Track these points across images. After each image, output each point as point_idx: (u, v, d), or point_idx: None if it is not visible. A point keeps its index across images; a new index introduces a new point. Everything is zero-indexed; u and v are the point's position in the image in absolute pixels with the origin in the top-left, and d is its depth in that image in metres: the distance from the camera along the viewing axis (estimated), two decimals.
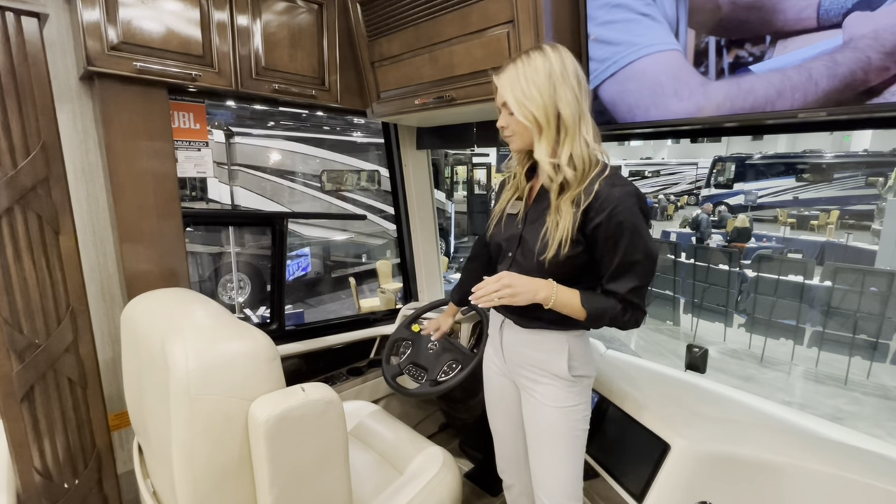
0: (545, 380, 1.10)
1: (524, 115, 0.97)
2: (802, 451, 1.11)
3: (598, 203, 0.94)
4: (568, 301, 1.00)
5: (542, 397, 1.11)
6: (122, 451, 1.48)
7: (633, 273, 0.97)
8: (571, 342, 1.08)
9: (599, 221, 0.94)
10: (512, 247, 1.10)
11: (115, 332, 1.44)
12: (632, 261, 0.95)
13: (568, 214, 0.96)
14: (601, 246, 0.97)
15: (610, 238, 0.95)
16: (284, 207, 5.82)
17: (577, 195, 0.96)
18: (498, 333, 1.22)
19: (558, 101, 0.95)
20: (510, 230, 1.11)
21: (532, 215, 1.07)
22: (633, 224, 0.93)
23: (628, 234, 0.93)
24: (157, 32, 1.26)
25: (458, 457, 1.97)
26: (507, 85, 0.98)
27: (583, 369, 1.10)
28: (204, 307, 1.05)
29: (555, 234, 0.97)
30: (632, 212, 0.93)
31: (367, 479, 1.31)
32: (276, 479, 0.81)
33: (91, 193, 1.38)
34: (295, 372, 1.90)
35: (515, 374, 1.19)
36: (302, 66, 1.56)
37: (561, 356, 1.08)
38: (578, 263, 1.01)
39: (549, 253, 0.98)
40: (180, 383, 0.77)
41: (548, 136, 0.97)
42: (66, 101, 1.30)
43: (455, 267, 6.90)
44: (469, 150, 8.89)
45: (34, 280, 1.09)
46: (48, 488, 1.14)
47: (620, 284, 0.98)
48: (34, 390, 1.11)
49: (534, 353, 1.12)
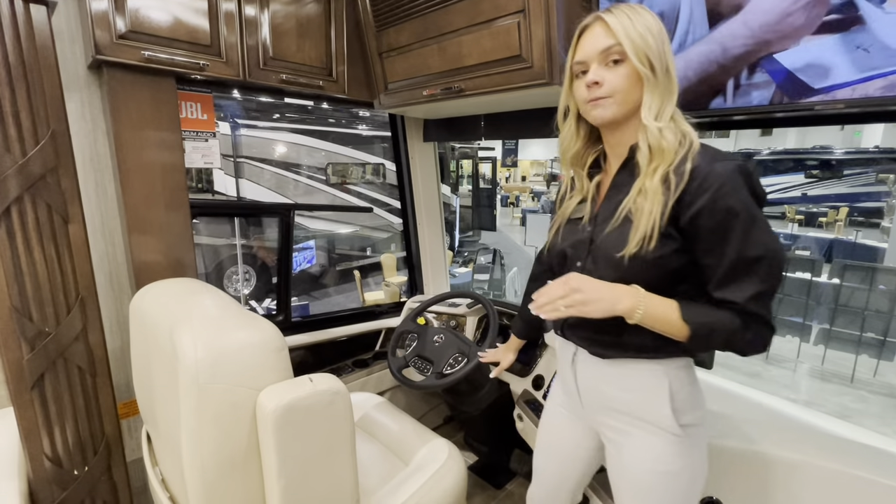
0: (638, 431, 0.86)
1: (640, 58, 0.76)
2: (810, 447, 1.11)
3: (697, 184, 0.72)
4: (661, 314, 0.76)
5: (635, 455, 0.86)
6: (131, 439, 1.49)
7: (753, 275, 0.73)
8: (673, 377, 0.83)
9: (700, 207, 0.72)
10: (580, 253, 0.87)
11: (124, 321, 1.45)
12: (750, 258, 0.72)
13: (657, 196, 0.74)
14: (705, 241, 0.74)
15: (717, 229, 0.72)
16: (289, 200, 5.83)
17: (664, 173, 0.75)
18: (570, 368, 0.97)
19: (668, 57, 0.78)
20: (576, 235, 0.90)
21: (604, 214, 0.85)
22: (747, 209, 0.71)
23: (742, 223, 0.71)
24: (164, 21, 1.26)
25: (463, 449, 1.98)
26: (620, 24, 0.77)
27: (691, 414, 0.84)
28: (212, 297, 1.05)
29: (638, 223, 0.76)
30: (743, 192, 0.72)
31: (373, 470, 1.32)
32: (284, 468, 0.81)
33: (99, 183, 1.38)
34: (301, 363, 1.91)
35: (597, 424, 0.94)
36: (309, 56, 1.55)
37: (659, 397, 0.82)
38: (671, 267, 0.78)
39: (629, 247, 0.76)
40: (189, 372, 0.78)
41: (662, 91, 0.78)
42: (74, 90, 1.30)
43: (459, 261, 6.89)
44: (476, 143, 8.85)
45: (44, 268, 1.10)
46: (58, 475, 1.15)
47: (737, 291, 0.74)
48: (44, 378, 1.12)
49: (619, 392, 0.87)
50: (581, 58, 0.82)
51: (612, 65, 0.79)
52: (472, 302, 1.89)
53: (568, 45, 1.20)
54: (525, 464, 1.91)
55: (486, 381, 1.65)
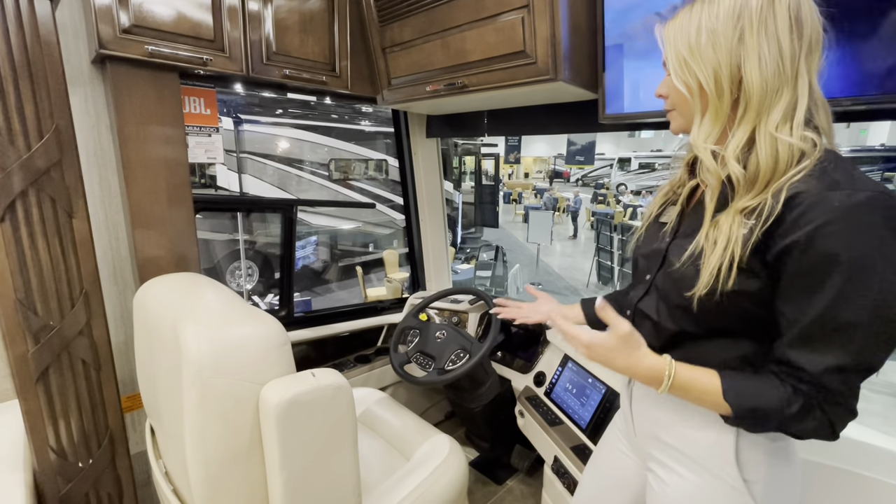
0: (684, 469, 0.72)
1: (682, 77, 0.67)
2: (812, 446, 1.10)
3: (796, 214, 0.57)
4: (698, 387, 0.65)
5: (675, 498, 0.73)
6: (135, 432, 1.50)
7: (842, 341, 0.57)
8: (742, 435, 0.68)
9: (790, 242, 0.57)
10: (652, 267, 0.77)
11: (128, 315, 1.46)
12: (843, 320, 0.56)
13: (734, 230, 0.61)
14: (786, 284, 0.60)
15: (806, 274, 0.57)
16: (292, 196, 5.83)
17: (752, 205, 0.61)
18: (627, 389, 0.88)
19: (744, 59, 0.62)
20: (654, 243, 0.78)
21: (687, 228, 0.73)
22: (861, 256, 0.54)
23: (844, 273, 0.55)
24: (168, 16, 1.26)
25: (464, 445, 1.99)
26: (671, 34, 0.68)
27: (762, 471, 0.68)
28: (215, 292, 1.06)
29: (710, 260, 0.62)
30: (861, 235, 0.54)
31: (375, 465, 1.33)
32: (287, 461, 0.82)
33: (103, 178, 1.38)
34: (304, 358, 1.91)
35: (647, 455, 0.82)
36: (313, 51, 1.54)
37: (723, 435, 0.69)
38: (749, 313, 0.64)
39: (699, 287, 0.63)
40: (193, 366, 0.78)
41: (714, 111, 0.65)
42: (78, 84, 1.30)
43: (461, 258, 6.89)
44: (479, 139, 8.84)
45: (48, 263, 1.10)
46: (63, 467, 1.16)
47: (813, 357, 0.58)
48: (49, 371, 1.12)
49: (675, 422, 0.74)
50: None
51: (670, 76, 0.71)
52: (475, 298, 1.89)
53: (572, 41, 1.20)
54: (526, 459, 1.92)
55: (487, 378, 1.66)
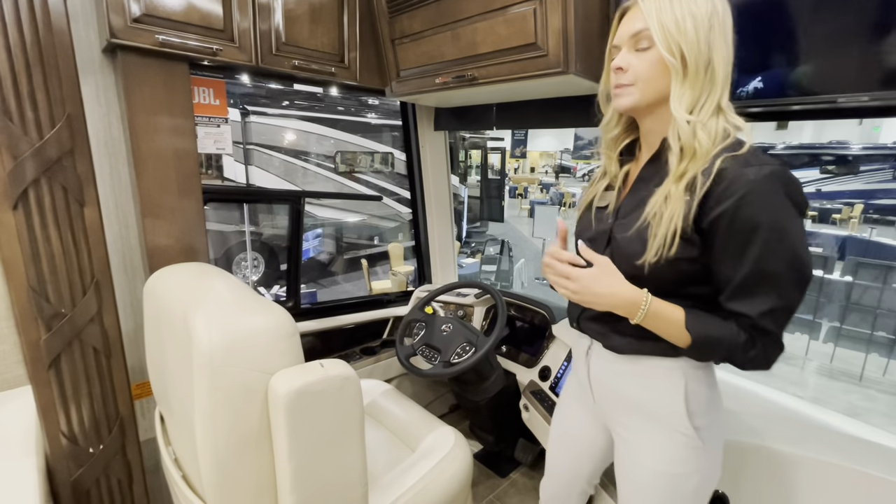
0: (649, 429, 0.84)
1: (669, 46, 0.72)
2: (818, 444, 1.10)
3: (722, 188, 0.69)
4: (666, 317, 0.75)
5: (643, 454, 0.84)
6: (144, 419, 1.52)
7: (770, 289, 0.69)
8: (690, 376, 0.80)
9: (720, 212, 0.69)
10: (599, 246, 0.85)
11: (137, 304, 1.47)
12: (769, 272, 0.69)
13: (679, 202, 0.71)
14: (720, 247, 0.71)
15: (734, 237, 0.69)
16: (297, 188, 5.84)
17: (692, 177, 0.72)
18: (584, 361, 0.96)
19: (712, 47, 0.72)
20: (598, 225, 0.88)
21: (627, 208, 0.83)
22: (774, 219, 0.67)
23: (763, 234, 0.67)
24: (178, 6, 1.25)
25: (468, 438, 2.00)
26: (654, 7, 0.73)
27: (706, 417, 0.81)
28: (225, 282, 1.07)
29: (657, 229, 0.73)
30: (771, 202, 0.67)
31: (380, 456, 1.34)
32: (295, 450, 0.83)
33: (114, 167, 1.39)
34: (310, 349, 1.93)
35: (608, 419, 0.93)
36: (322, 42, 1.54)
37: (674, 396, 0.80)
38: (688, 271, 0.75)
39: (649, 255, 0.74)
40: (203, 355, 0.79)
41: (693, 83, 0.73)
42: (89, 73, 1.30)
43: (467, 252, 6.89)
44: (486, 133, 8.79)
45: (60, 251, 1.12)
46: (74, 452, 1.18)
47: (750, 304, 0.71)
48: (61, 358, 1.14)
49: (632, 389, 0.85)
50: (616, 41, 0.80)
51: (642, 51, 0.76)
52: (480, 292, 1.89)
53: (584, 34, 1.18)
54: (529, 453, 1.93)
55: (492, 371, 1.66)
